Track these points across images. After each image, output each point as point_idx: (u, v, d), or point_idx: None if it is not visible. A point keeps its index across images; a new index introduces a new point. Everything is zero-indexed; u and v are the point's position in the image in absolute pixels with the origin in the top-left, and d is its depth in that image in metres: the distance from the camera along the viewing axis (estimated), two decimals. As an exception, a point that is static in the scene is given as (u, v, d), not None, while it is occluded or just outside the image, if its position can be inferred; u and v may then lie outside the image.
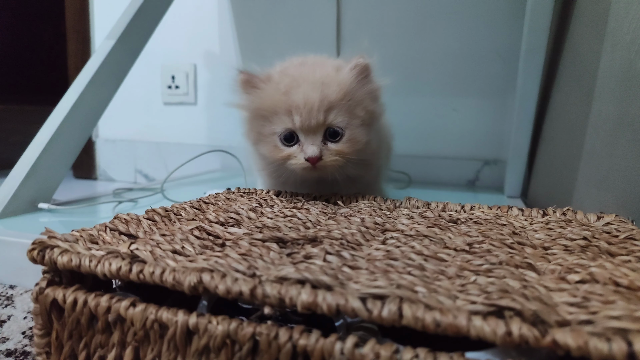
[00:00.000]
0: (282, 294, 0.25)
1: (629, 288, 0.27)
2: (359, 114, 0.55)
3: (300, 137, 0.54)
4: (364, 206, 0.47)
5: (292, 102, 0.53)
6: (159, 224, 0.39)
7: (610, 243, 0.36)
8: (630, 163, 0.53)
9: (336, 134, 0.54)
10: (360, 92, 0.56)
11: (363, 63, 0.56)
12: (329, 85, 0.53)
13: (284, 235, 0.35)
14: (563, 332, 0.22)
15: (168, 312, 0.27)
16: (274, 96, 0.54)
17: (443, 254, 0.32)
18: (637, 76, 0.53)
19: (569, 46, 0.83)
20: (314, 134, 0.54)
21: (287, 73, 0.56)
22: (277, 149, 0.55)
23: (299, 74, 0.55)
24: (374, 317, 0.24)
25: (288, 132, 0.54)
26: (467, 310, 0.23)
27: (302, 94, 0.53)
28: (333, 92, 0.53)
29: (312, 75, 0.54)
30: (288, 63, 0.61)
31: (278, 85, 0.55)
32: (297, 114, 0.53)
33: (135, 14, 0.97)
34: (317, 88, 0.53)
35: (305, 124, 0.53)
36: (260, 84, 0.56)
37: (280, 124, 0.54)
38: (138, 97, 1.48)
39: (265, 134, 0.56)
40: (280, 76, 0.56)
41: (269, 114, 0.55)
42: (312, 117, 0.53)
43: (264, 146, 0.57)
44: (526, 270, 0.29)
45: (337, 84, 0.54)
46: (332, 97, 0.53)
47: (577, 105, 0.74)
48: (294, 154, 0.54)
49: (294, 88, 0.54)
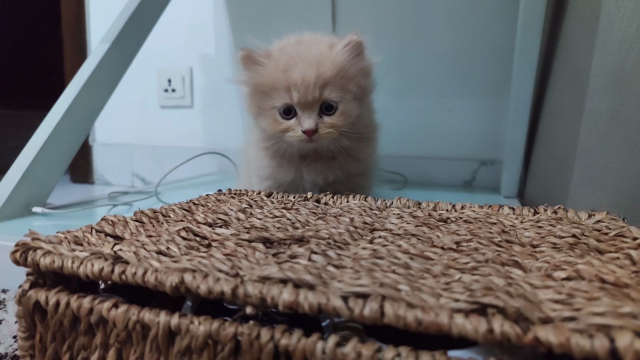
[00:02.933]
0: (263, 294, 0.25)
1: (615, 285, 0.27)
2: (352, 89, 0.60)
3: (298, 111, 0.59)
4: (354, 206, 0.46)
5: (291, 79, 0.57)
6: (146, 226, 0.39)
7: (599, 240, 0.36)
8: (622, 161, 0.53)
9: (330, 107, 0.59)
10: (353, 69, 0.60)
11: (356, 40, 0.60)
12: (324, 63, 0.58)
13: (271, 236, 0.34)
14: (545, 329, 0.21)
15: (150, 313, 0.27)
16: (273, 73, 0.58)
17: (430, 252, 0.32)
18: (628, 74, 0.53)
19: (562, 45, 0.83)
20: (311, 108, 0.58)
21: (285, 51, 0.60)
22: (276, 122, 0.60)
23: (296, 53, 0.59)
24: (356, 316, 0.23)
25: (286, 107, 0.59)
26: (449, 308, 0.23)
27: (300, 72, 0.57)
28: (327, 69, 0.57)
29: (308, 53, 0.58)
30: (285, 41, 0.64)
31: (277, 63, 0.59)
32: (295, 91, 0.57)
33: (129, 17, 0.97)
34: (313, 66, 0.57)
35: (302, 100, 0.58)
36: (260, 60, 0.60)
37: (280, 99, 0.59)
38: (135, 100, 1.48)
39: (265, 108, 0.60)
40: (279, 54, 0.60)
41: (269, 90, 0.59)
42: (309, 93, 0.57)
43: (264, 119, 0.61)
44: (512, 268, 0.29)
45: (332, 61, 0.58)
46: (327, 74, 0.57)
47: (571, 104, 0.74)
48: (291, 127, 0.59)
49: (292, 66, 0.57)
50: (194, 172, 1.32)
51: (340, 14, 1.24)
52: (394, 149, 1.20)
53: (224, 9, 1.36)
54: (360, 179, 0.71)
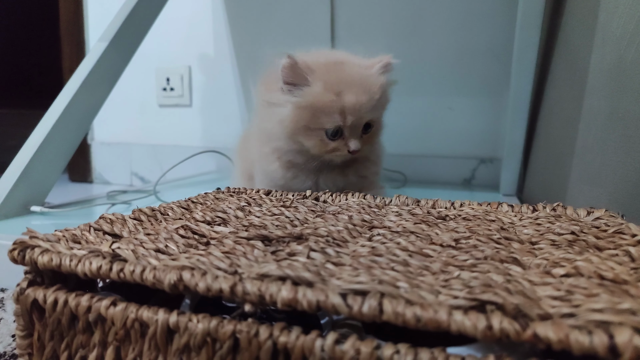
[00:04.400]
0: (262, 291, 0.25)
1: (613, 281, 0.27)
2: (383, 106, 0.64)
3: (345, 133, 0.61)
4: (353, 204, 0.46)
5: (345, 103, 0.58)
6: (144, 224, 0.38)
7: (598, 237, 0.36)
8: (621, 158, 0.53)
9: (369, 126, 0.63)
10: (386, 88, 0.64)
11: (389, 61, 0.63)
12: (372, 87, 0.60)
13: (269, 234, 0.34)
14: (544, 325, 0.21)
15: (149, 311, 0.27)
16: (325, 95, 0.59)
17: (429, 249, 0.32)
18: (627, 71, 0.53)
19: (561, 42, 0.83)
20: (357, 129, 0.61)
21: (330, 71, 0.61)
22: (323, 143, 0.61)
23: (344, 75, 0.60)
24: (354, 313, 0.23)
25: (337, 129, 0.60)
26: (448, 305, 0.23)
27: (354, 96, 0.59)
28: (375, 93, 0.60)
29: (357, 76, 0.60)
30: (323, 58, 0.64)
31: (327, 85, 0.59)
32: (350, 115, 0.59)
33: (127, 16, 0.97)
34: (366, 91, 0.60)
35: (355, 123, 0.60)
36: (305, 74, 0.59)
37: (332, 122, 0.59)
38: (133, 99, 1.48)
39: (312, 128, 0.60)
40: (324, 73, 0.60)
41: (319, 112, 0.59)
42: (362, 117, 0.60)
43: (309, 139, 0.61)
44: (511, 265, 0.29)
45: (378, 85, 0.61)
46: (375, 97, 0.60)
47: (570, 101, 0.74)
48: (338, 148, 0.61)
49: (345, 89, 0.59)
50: (193, 170, 1.32)
51: (339, 14, 1.24)
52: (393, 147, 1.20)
53: (222, 8, 1.36)
54: (375, 178, 0.72)
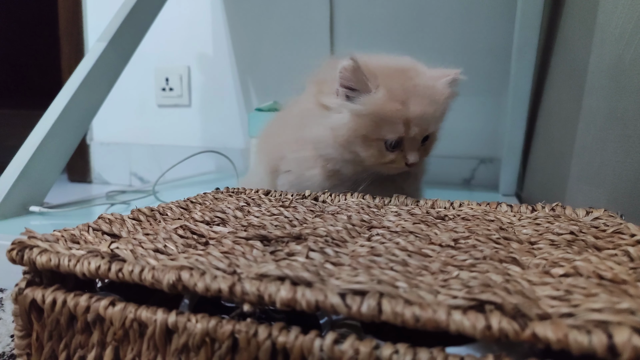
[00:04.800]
0: (261, 291, 0.25)
1: (612, 281, 0.27)
2: (443, 119, 0.61)
3: (405, 144, 0.57)
4: (352, 204, 0.46)
5: (411, 113, 0.55)
6: (143, 224, 0.38)
7: (597, 237, 0.36)
8: (620, 158, 0.53)
9: (426, 138, 0.60)
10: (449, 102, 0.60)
11: (458, 77, 0.61)
12: (438, 99, 0.57)
13: (268, 233, 0.34)
14: (543, 325, 0.21)
15: (147, 311, 0.27)
16: (389, 104, 0.55)
17: (428, 249, 0.32)
18: (625, 71, 0.53)
19: (560, 42, 0.83)
20: (417, 141, 0.58)
21: (395, 79, 0.57)
22: (381, 154, 0.57)
23: (409, 84, 0.57)
24: (353, 313, 0.23)
25: (399, 140, 0.57)
26: (447, 305, 0.23)
27: (421, 108, 0.55)
28: (441, 105, 0.58)
29: (423, 87, 0.57)
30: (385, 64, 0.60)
31: (391, 93, 0.55)
32: (415, 126, 0.56)
33: (126, 16, 0.97)
34: (432, 102, 0.56)
35: (417, 135, 0.57)
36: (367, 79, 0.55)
37: (394, 132, 0.56)
38: (132, 99, 1.48)
39: (372, 138, 0.56)
40: (387, 81, 0.56)
41: (382, 121, 0.55)
42: (425, 129, 0.57)
43: (366, 149, 0.57)
44: (510, 265, 0.29)
45: (444, 97, 0.58)
46: (440, 109, 0.58)
47: (569, 101, 0.74)
48: (395, 159, 0.57)
49: (410, 99, 0.55)
50: (192, 171, 1.32)
51: (338, 13, 1.24)
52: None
53: (221, 8, 1.36)
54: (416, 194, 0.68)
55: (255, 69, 1.35)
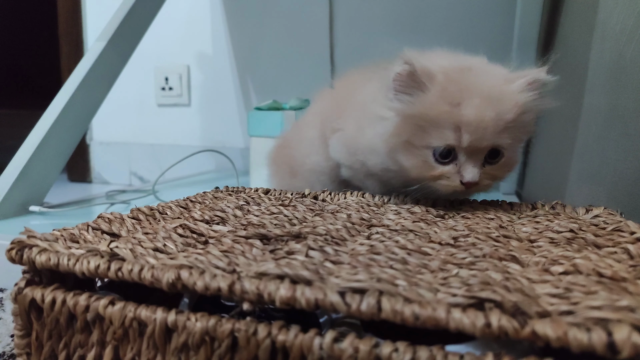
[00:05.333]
0: (260, 290, 0.25)
1: (612, 279, 0.27)
2: (522, 135, 0.50)
3: (460, 156, 0.47)
4: (351, 202, 0.46)
5: (463, 116, 0.45)
6: (143, 223, 0.38)
7: (597, 235, 0.35)
8: (621, 157, 0.53)
9: (496, 154, 0.48)
10: (531, 113, 0.49)
11: (543, 79, 0.50)
12: (505, 103, 0.46)
13: (268, 232, 0.34)
14: (543, 323, 0.21)
15: (147, 310, 0.27)
16: (438, 105, 0.46)
17: (427, 247, 0.32)
18: (626, 68, 0.53)
19: (560, 38, 0.82)
20: (477, 155, 0.47)
21: (453, 78, 0.48)
22: (427, 165, 0.47)
23: (468, 83, 0.47)
24: (353, 311, 0.23)
25: (447, 149, 0.47)
26: (446, 303, 0.23)
27: (476, 109, 0.45)
28: (509, 111, 0.46)
29: (486, 87, 0.47)
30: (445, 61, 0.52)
31: (444, 93, 0.47)
32: (467, 132, 0.46)
33: (126, 15, 0.97)
34: (494, 105, 0.46)
35: (474, 145, 0.46)
36: (424, 82, 0.47)
37: (442, 139, 0.46)
38: (132, 99, 1.48)
39: (416, 145, 0.48)
40: (446, 81, 0.48)
41: (428, 125, 0.47)
42: (484, 138, 0.46)
43: (410, 158, 0.48)
44: (510, 263, 0.29)
45: (514, 101, 0.47)
46: (508, 117, 0.46)
47: (569, 99, 0.74)
48: (447, 174, 0.47)
49: (465, 100, 0.46)
50: (192, 170, 1.32)
51: (337, 11, 1.24)
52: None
53: (220, 7, 1.36)
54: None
55: (254, 68, 1.35)
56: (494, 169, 0.48)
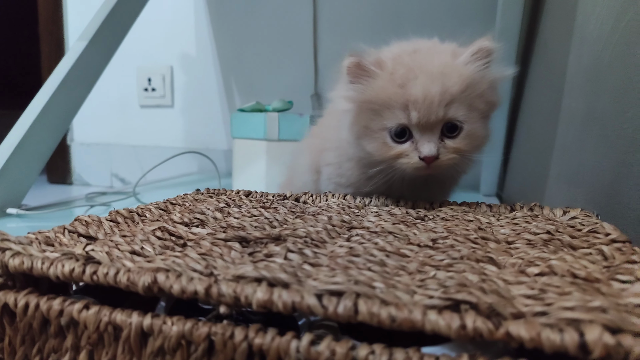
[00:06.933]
0: (237, 293, 0.25)
1: (586, 280, 0.27)
2: (479, 106, 0.50)
3: (415, 134, 0.49)
4: (333, 204, 0.46)
5: (410, 95, 0.47)
6: (121, 226, 0.38)
7: (573, 236, 0.36)
8: (598, 158, 0.54)
9: (454, 128, 0.49)
10: (482, 82, 0.50)
11: (487, 47, 0.50)
12: (450, 76, 0.48)
13: (247, 235, 0.34)
14: (517, 324, 0.22)
15: (122, 314, 0.26)
16: (387, 88, 0.49)
17: (406, 249, 0.32)
18: (603, 72, 0.54)
19: (540, 43, 0.84)
20: (431, 130, 0.49)
21: (401, 61, 0.50)
22: (386, 146, 0.50)
23: (415, 63, 0.49)
24: (330, 314, 0.23)
25: (400, 128, 0.49)
26: (422, 305, 0.23)
27: (421, 87, 0.47)
28: (454, 83, 0.48)
29: (430, 64, 0.49)
30: (398, 49, 0.54)
31: (392, 76, 0.49)
32: (415, 110, 0.47)
33: (107, 15, 0.96)
34: (437, 80, 0.47)
35: (423, 120, 0.48)
36: (372, 69, 0.50)
37: (393, 119, 0.49)
38: (114, 99, 1.46)
39: (374, 129, 0.50)
40: (394, 64, 0.50)
41: (381, 108, 0.49)
42: (432, 112, 0.47)
43: (370, 142, 0.51)
44: (487, 265, 0.29)
45: (459, 74, 0.48)
46: (454, 89, 0.48)
47: (549, 101, 0.75)
48: (405, 152, 0.49)
49: (411, 80, 0.48)
50: (175, 172, 1.31)
51: (321, 12, 1.24)
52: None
53: (204, 7, 1.35)
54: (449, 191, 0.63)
55: (238, 70, 1.35)
56: (455, 142, 0.49)
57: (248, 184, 0.93)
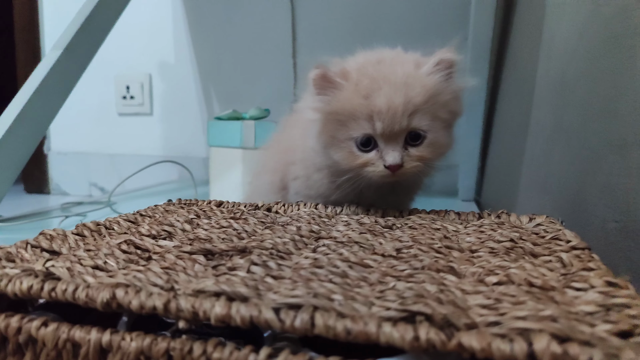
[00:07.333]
0: (196, 308, 0.25)
1: (542, 288, 0.28)
2: (442, 115, 0.51)
3: (380, 143, 0.51)
4: (304, 214, 0.47)
5: (374, 107, 0.49)
6: (87, 239, 0.38)
7: (535, 244, 0.37)
8: (564, 167, 0.55)
9: (417, 137, 0.51)
10: (445, 92, 0.51)
11: (449, 59, 0.52)
12: (413, 87, 0.49)
13: (213, 247, 0.34)
14: (469, 334, 0.22)
15: (81, 330, 0.26)
16: (352, 99, 0.50)
17: (370, 260, 0.32)
18: (569, 85, 0.55)
19: (511, 55, 0.85)
20: (395, 139, 0.50)
21: (366, 72, 0.51)
22: (352, 156, 0.51)
23: (379, 74, 0.50)
24: (287, 328, 0.23)
25: (366, 137, 0.51)
26: (377, 317, 0.23)
27: (385, 98, 0.49)
28: (417, 94, 0.49)
29: (394, 75, 0.50)
30: (363, 59, 0.55)
31: (357, 87, 0.50)
32: (379, 120, 0.49)
33: (83, 23, 0.95)
34: (401, 90, 0.49)
35: (387, 130, 0.49)
36: (337, 80, 0.51)
37: (359, 129, 0.50)
38: (92, 108, 1.45)
39: (340, 138, 0.52)
40: (359, 75, 0.51)
41: (346, 119, 0.51)
42: (395, 122, 0.49)
43: (338, 151, 0.52)
44: (447, 274, 0.30)
45: (422, 84, 0.50)
46: (417, 100, 0.49)
47: (519, 112, 0.76)
48: (371, 161, 0.51)
49: (375, 91, 0.49)
50: (154, 180, 1.30)
51: (300, 19, 1.25)
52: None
53: (183, 15, 1.35)
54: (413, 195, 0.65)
55: (217, 77, 1.35)
56: (419, 150, 0.51)
57: (225, 192, 0.92)
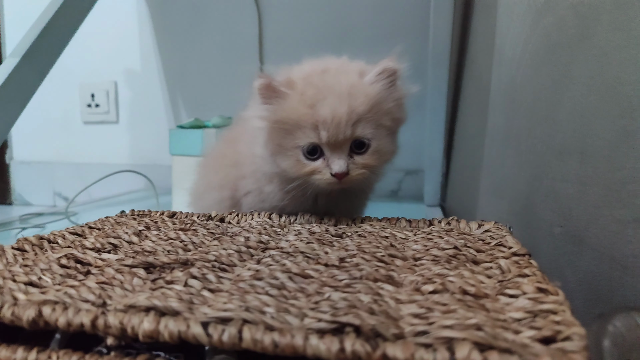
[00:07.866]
0: (124, 324, 0.24)
1: (475, 296, 0.28)
2: (386, 123, 0.52)
3: (326, 152, 0.51)
4: (255, 224, 0.46)
5: (319, 116, 0.49)
6: (27, 254, 0.37)
7: (479, 251, 0.37)
8: (516, 172, 0.56)
9: (362, 145, 0.51)
10: (388, 100, 0.52)
11: (391, 68, 0.52)
12: (356, 97, 0.50)
13: (155, 260, 0.34)
14: (394, 345, 0.22)
15: (7, 349, 0.25)
16: (298, 109, 0.50)
17: (311, 270, 0.32)
18: (518, 90, 0.56)
19: (469, 62, 0.87)
20: (340, 148, 0.51)
21: (311, 82, 0.52)
22: (299, 164, 0.52)
23: (323, 84, 0.51)
24: (215, 342, 0.23)
25: (312, 146, 0.51)
26: (305, 329, 0.23)
27: (329, 108, 0.49)
28: (361, 103, 0.50)
29: (338, 85, 0.51)
30: (309, 68, 0.56)
31: (302, 97, 0.51)
32: (324, 129, 0.49)
33: (42, 30, 0.93)
34: (345, 100, 0.50)
35: (332, 139, 0.50)
36: (282, 90, 0.52)
37: (305, 138, 0.51)
38: (55, 116, 1.42)
39: (287, 147, 0.52)
40: (304, 85, 0.52)
41: (292, 127, 0.51)
42: (340, 132, 0.50)
43: (285, 160, 0.53)
44: (384, 284, 0.30)
45: (365, 94, 0.50)
46: (360, 109, 0.50)
47: (478, 118, 0.78)
48: (318, 169, 0.51)
49: (320, 100, 0.50)
50: (119, 189, 1.28)
51: (266, 27, 1.25)
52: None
53: (149, 22, 1.34)
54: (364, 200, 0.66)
55: (184, 85, 1.33)
56: (364, 158, 0.51)
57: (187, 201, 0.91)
